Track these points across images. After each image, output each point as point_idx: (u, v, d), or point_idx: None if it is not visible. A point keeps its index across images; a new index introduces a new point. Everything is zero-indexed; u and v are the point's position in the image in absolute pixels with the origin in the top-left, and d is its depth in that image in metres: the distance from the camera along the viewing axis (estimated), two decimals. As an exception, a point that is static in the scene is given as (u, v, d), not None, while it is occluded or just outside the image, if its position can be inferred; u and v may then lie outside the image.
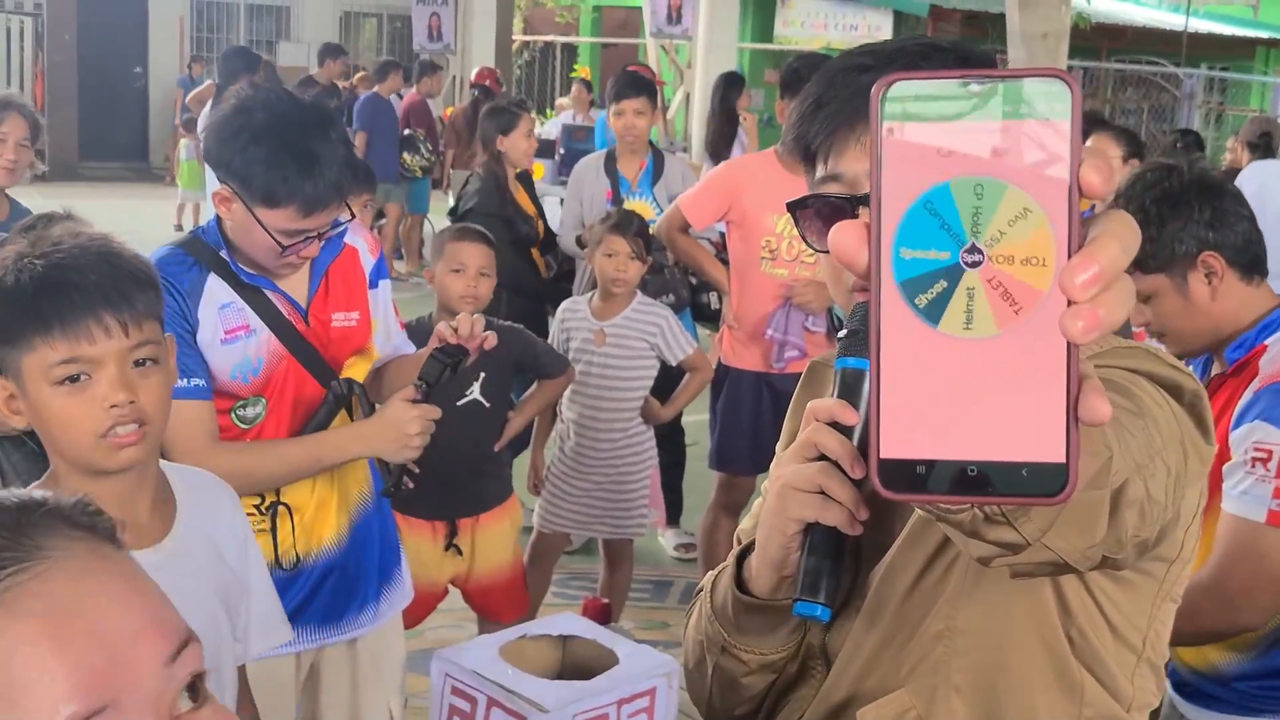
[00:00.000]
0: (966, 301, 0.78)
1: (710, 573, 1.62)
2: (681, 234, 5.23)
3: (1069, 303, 0.76)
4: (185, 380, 2.69)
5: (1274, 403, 2.54)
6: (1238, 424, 2.57)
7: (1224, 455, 2.59)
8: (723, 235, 5.34)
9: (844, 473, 1.31)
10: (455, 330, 2.95)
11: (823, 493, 1.32)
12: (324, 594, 3.03)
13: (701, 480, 5.85)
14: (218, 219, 2.86)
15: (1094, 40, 22.39)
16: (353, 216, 2.93)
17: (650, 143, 6.24)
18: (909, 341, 0.79)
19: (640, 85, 6.09)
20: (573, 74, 23.06)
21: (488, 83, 13.13)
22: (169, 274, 2.70)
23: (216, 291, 2.81)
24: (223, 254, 2.84)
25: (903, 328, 0.79)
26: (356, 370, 3.04)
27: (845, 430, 1.31)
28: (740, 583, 1.51)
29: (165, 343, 2.06)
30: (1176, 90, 22.26)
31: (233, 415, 2.86)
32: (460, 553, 4.26)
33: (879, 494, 0.82)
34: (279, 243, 2.73)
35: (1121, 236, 0.77)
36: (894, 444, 0.80)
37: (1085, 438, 1.00)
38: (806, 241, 1.50)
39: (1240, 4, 27.43)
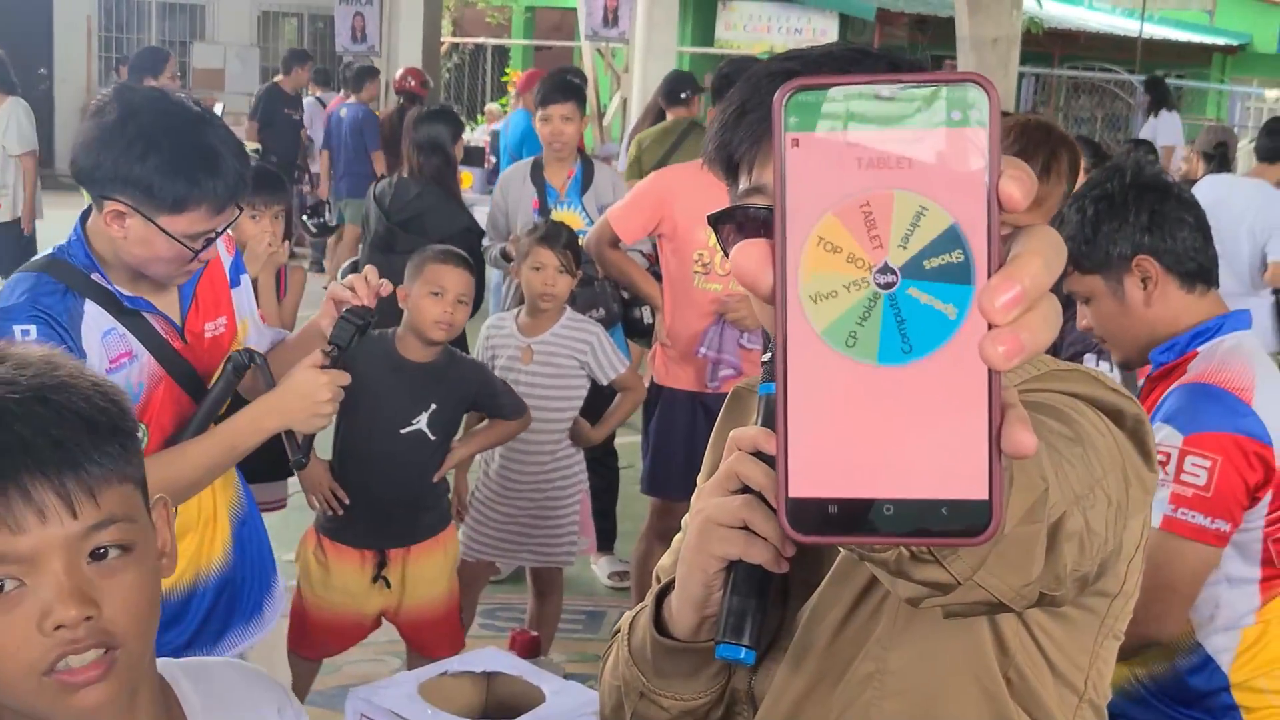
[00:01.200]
0: (879, 325, 0.75)
1: (628, 613, 1.58)
2: (611, 249, 5.20)
3: (989, 326, 0.74)
4: None
5: (1181, 405, 2.59)
6: None
7: None
8: (654, 246, 5.32)
9: (769, 506, 1.28)
10: (353, 291, 2.91)
11: (746, 528, 1.30)
12: (218, 612, 3.05)
13: (636, 505, 5.83)
14: (82, 237, 2.78)
15: (1046, 46, 22.57)
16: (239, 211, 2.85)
17: (579, 150, 6.23)
18: (817, 369, 0.76)
19: (568, 89, 6.08)
20: (504, 78, 23.10)
21: (413, 85, 13.05)
22: (44, 306, 2.64)
23: (95, 318, 2.73)
24: (94, 276, 2.75)
25: (810, 354, 0.76)
26: None
27: (770, 460, 1.28)
28: (659, 624, 1.48)
29: (146, 516, 1.50)
30: (1131, 98, 22.46)
31: None
32: (389, 585, 4.23)
33: (789, 537, 0.79)
34: (191, 249, 2.68)
35: (1044, 254, 0.75)
36: (803, 481, 0.77)
37: (1017, 470, 0.98)
38: (730, 257, 1.46)
39: (1196, 9, 27.78)
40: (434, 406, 4.22)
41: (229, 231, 2.90)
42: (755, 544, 1.30)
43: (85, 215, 2.81)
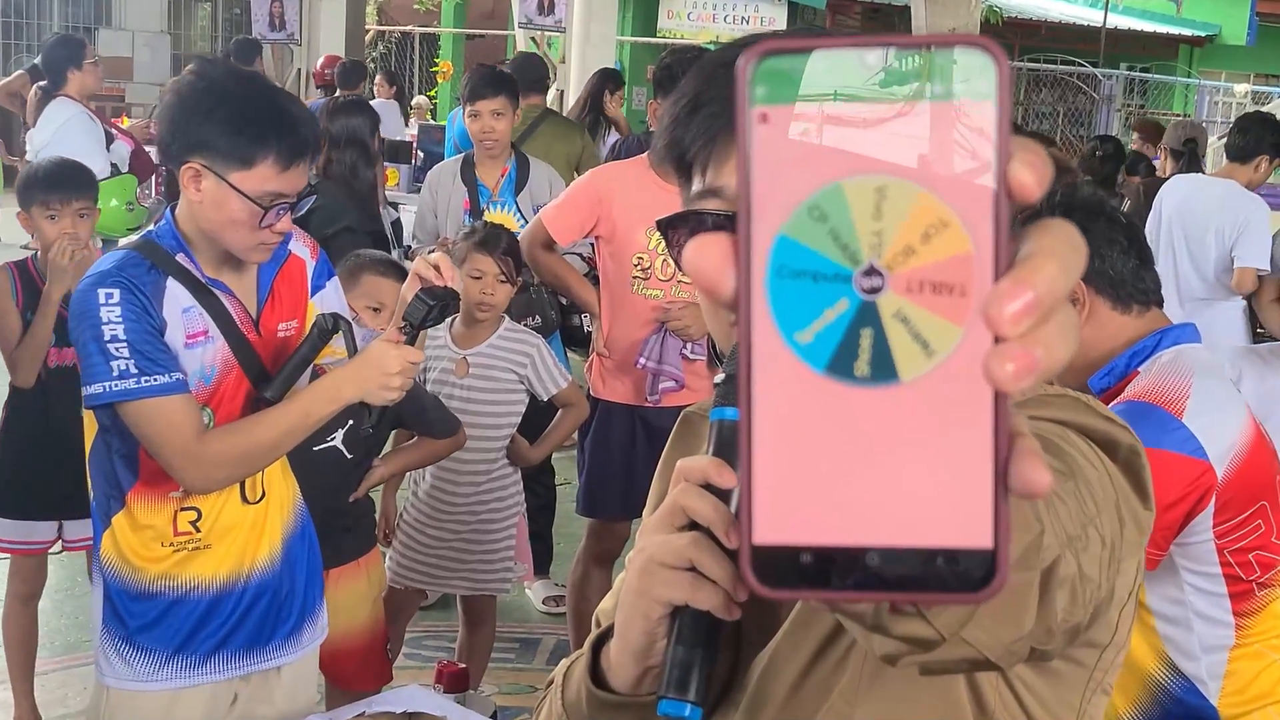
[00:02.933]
0: (862, 338, 0.67)
1: (563, 662, 1.53)
2: (545, 251, 5.14)
3: (995, 340, 0.66)
4: (166, 375, 2.87)
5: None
6: None
7: None
8: (594, 248, 5.29)
9: (720, 544, 1.20)
10: (437, 270, 3.02)
11: (694, 569, 1.22)
12: (254, 616, 3.19)
13: (574, 524, 5.80)
14: (172, 217, 3.02)
15: (1006, 37, 22.75)
16: (313, 191, 3.11)
17: (512, 146, 6.20)
18: (789, 390, 0.68)
19: (498, 83, 6.04)
20: (433, 68, 23.05)
21: (330, 77, 12.95)
22: (130, 275, 2.91)
23: (177, 294, 2.97)
24: (179, 257, 2.99)
25: (781, 372, 0.68)
26: None
27: (723, 495, 1.21)
28: (596, 675, 1.41)
29: None
30: (1095, 92, 22.67)
31: None
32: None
33: (754, 591, 0.70)
34: (260, 205, 2.88)
35: (1061, 254, 0.67)
36: (771, 526, 0.69)
37: (1014, 511, 0.91)
38: (679, 267, 1.42)
39: (1163, -1, 28.06)
40: (351, 422, 4.14)
41: (306, 244, 3.20)
42: (704, 588, 1.21)
43: (174, 204, 3.06)
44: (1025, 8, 24.32)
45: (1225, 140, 7.90)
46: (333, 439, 4.16)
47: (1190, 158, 7.76)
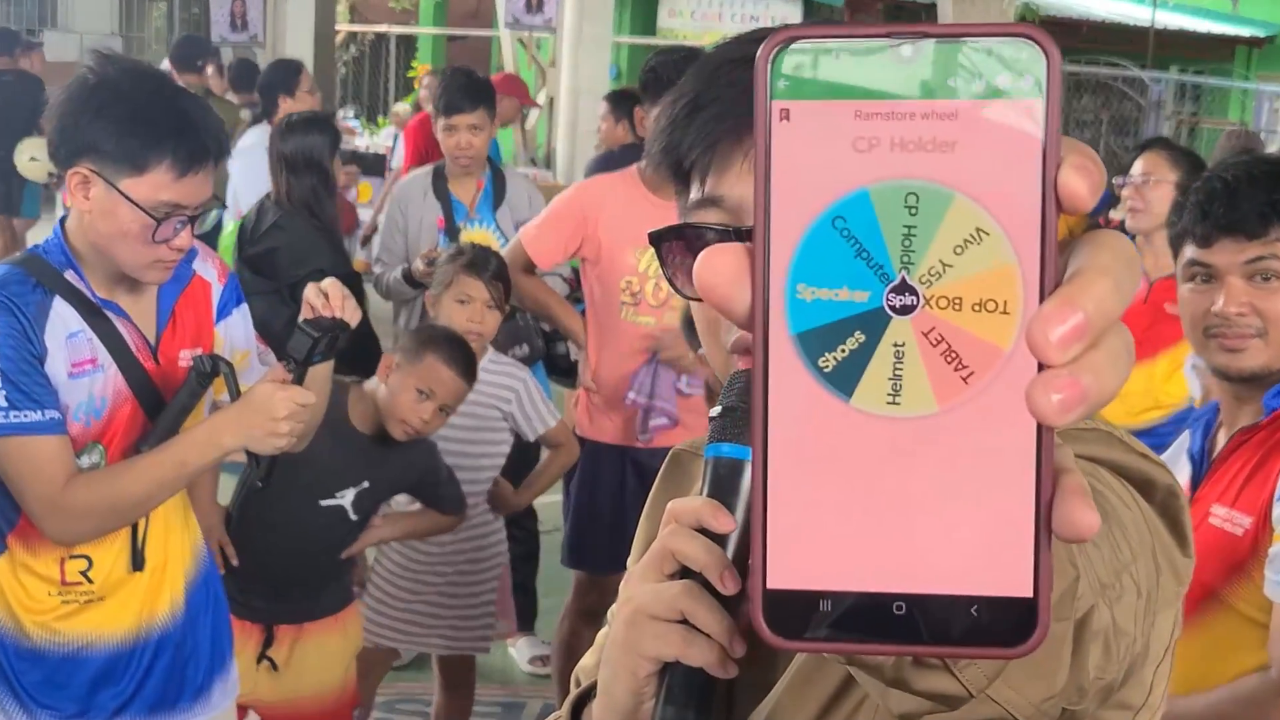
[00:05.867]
0: (893, 363, 0.66)
1: None
2: (525, 275, 5.15)
3: (1040, 367, 0.64)
4: (39, 412, 2.82)
5: None
6: None
7: (1260, 531, 2.55)
8: (576, 271, 5.29)
9: (713, 593, 1.18)
10: (326, 297, 3.03)
11: (685, 621, 1.20)
12: (157, 675, 3.14)
13: (561, 575, 5.77)
14: (61, 232, 2.97)
15: (1044, 37, 22.77)
16: (223, 204, 3.09)
17: (489, 159, 6.21)
18: (809, 420, 0.67)
19: (476, 94, 6.05)
20: (410, 73, 23.10)
21: None
22: (11, 294, 2.85)
23: (64, 317, 2.92)
24: (68, 275, 2.94)
25: (800, 400, 0.67)
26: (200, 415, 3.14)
27: (718, 540, 1.20)
28: None
29: None
30: (1142, 98, 22.70)
31: None
32: (275, 667, 4.19)
33: (766, 641, 0.69)
34: (153, 217, 2.82)
35: (1115, 271, 0.65)
36: (787, 570, 0.68)
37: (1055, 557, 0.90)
38: (674, 286, 1.40)
39: (1217, -5, 28.11)
40: (365, 484, 4.20)
41: (213, 264, 3.15)
42: (697, 642, 1.18)
43: (66, 217, 3.01)
44: (1066, 6, 24.37)
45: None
46: (342, 497, 4.18)
47: None
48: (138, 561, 3.04)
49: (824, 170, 0.66)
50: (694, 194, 1.41)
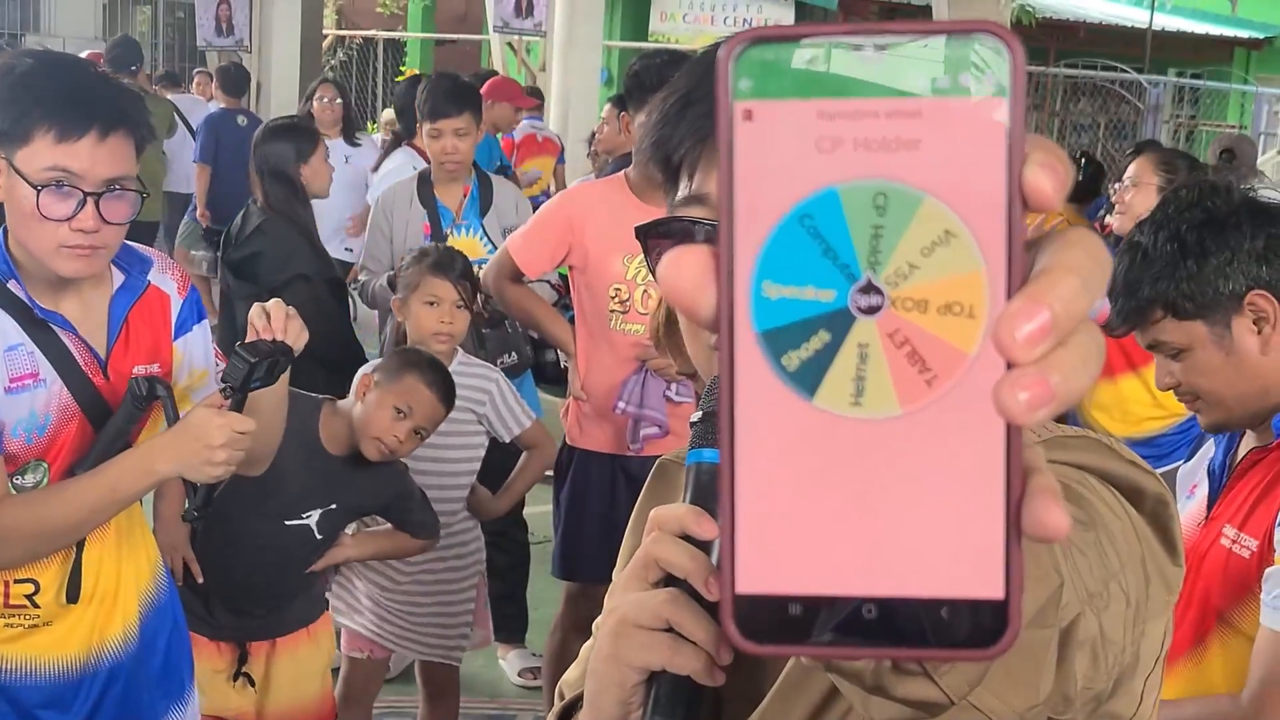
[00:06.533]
0: (857, 364, 0.66)
1: None
2: (513, 284, 5.14)
3: (1007, 366, 0.64)
4: None
5: None
6: None
7: (1265, 555, 2.52)
8: (563, 278, 5.29)
9: (700, 600, 1.18)
10: (268, 319, 2.94)
11: (671, 629, 1.19)
12: (108, 706, 3.05)
13: (551, 586, 5.77)
14: (3, 240, 2.87)
15: (1041, 40, 22.82)
16: (145, 193, 2.91)
17: (474, 164, 6.21)
18: (776, 423, 0.67)
19: (462, 98, 6.04)
20: (399, 78, 23.08)
21: None
22: None
23: (3, 329, 2.84)
24: (10, 285, 2.86)
25: (767, 402, 0.67)
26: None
27: (702, 546, 1.19)
28: None
29: None
30: (1139, 101, 22.71)
31: (10, 482, 2.86)
32: (252, 683, 4.19)
33: (736, 646, 0.70)
34: (33, 185, 2.72)
35: (1082, 268, 0.65)
36: (756, 574, 0.68)
37: (1028, 559, 0.90)
38: (657, 272, 1.40)
39: (1216, -4, 28.12)
40: (333, 506, 4.20)
41: (173, 276, 3.05)
42: (683, 650, 1.18)
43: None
44: (1062, 7, 24.38)
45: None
46: (308, 517, 4.17)
47: (1229, 173, 7.75)
48: (73, 593, 2.95)
49: (790, 169, 0.66)
50: (682, 190, 1.41)
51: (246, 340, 2.92)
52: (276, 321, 2.92)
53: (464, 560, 4.88)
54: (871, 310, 0.65)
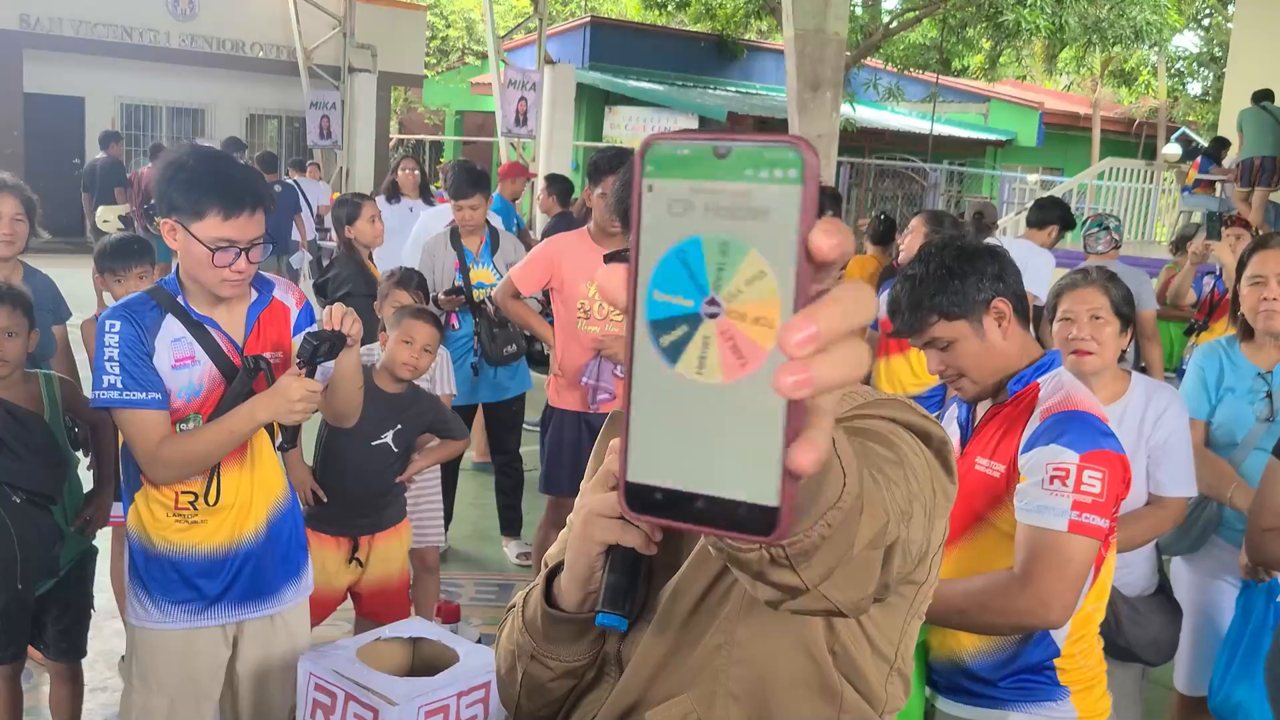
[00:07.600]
0: (702, 347, 0.69)
1: (521, 590, 1.52)
2: (514, 299, 5.15)
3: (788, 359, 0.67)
4: (143, 392, 2.80)
5: (1062, 429, 2.44)
6: (1028, 448, 2.47)
7: (1011, 474, 2.50)
8: (547, 296, 5.28)
9: None
10: (330, 316, 2.98)
11: (622, 518, 1.24)
12: (244, 578, 3.06)
13: (539, 499, 5.76)
14: (176, 271, 2.92)
15: (859, 141, 22.90)
16: (271, 241, 2.94)
17: (485, 221, 6.17)
18: (653, 378, 0.70)
19: (475, 183, 5.99)
20: (438, 165, 22.96)
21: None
22: (133, 311, 2.85)
23: (171, 328, 2.88)
24: (179, 299, 2.90)
25: (649, 364, 0.70)
26: None
27: None
28: (549, 598, 1.41)
29: None
30: (924, 181, 22.77)
31: (177, 427, 2.90)
32: (361, 565, 4.18)
33: (624, 514, 0.74)
34: (209, 248, 2.77)
35: (845, 303, 0.66)
36: (638, 469, 0.72)
37: (867, 501, 0.91)
38: (596, 277, 1.40)
39: (974, 113, 28.32)
40: (399, 426, 4.19)
41: (292, 295, 3.07)
42: (630, 531, 1.24)
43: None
44: (873, 119, 24.45)
45: (1026, 214, 7.94)
46: (385, 437, 4.17)
47: (979, 227, 7.78)
48: (214, 499, 2.98)
49: (673, 222, 0.69)
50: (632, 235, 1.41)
51: (313, 330, 2.96)
52: (335, 317, 2.94)
53: (429, 481, 4.88)
54: (713, 315, 0.69)
